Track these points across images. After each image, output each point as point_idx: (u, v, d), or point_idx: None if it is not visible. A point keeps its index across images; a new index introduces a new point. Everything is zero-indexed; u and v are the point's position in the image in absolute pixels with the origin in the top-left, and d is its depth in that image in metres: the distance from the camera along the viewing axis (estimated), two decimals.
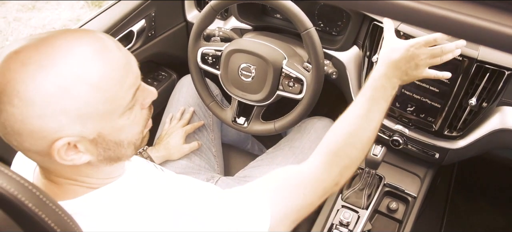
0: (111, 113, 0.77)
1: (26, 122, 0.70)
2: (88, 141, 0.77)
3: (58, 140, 0.72)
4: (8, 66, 0.70)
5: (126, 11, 1.70)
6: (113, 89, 0.75)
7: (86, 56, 0.73)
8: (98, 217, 0.83)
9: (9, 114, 0.70)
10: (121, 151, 0.83)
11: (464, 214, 2.23)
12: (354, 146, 1.07)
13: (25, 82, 0.69)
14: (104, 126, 0.77)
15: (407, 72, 1.15)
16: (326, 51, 1.62)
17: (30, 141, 0.73)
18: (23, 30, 4.00)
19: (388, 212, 1.60)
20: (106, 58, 0.75)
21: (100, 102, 0.74)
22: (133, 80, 0.80)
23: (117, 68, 0.76)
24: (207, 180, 1.58)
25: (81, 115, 0.73)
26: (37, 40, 0.73)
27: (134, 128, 0.84)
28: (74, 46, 0.73)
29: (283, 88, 1.48)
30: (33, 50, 0.71)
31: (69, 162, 0.76)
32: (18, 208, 0.66)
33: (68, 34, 0.75)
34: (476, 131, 1.48)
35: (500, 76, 1.34)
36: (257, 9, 1.83)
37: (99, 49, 0.75)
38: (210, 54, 1.54)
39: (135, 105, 0.82)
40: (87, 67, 0.72)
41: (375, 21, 1.51)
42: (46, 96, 0.69)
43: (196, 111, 1.74)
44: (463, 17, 0.55)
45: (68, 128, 0.72)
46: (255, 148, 2.10)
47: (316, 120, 1.73)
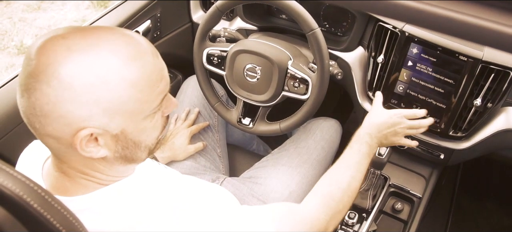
0: (139, 113, 0.80)
1: (58, 105, 0.71)
2: (110, 136, 0.78)
3: (83, 129, 0.74)
4: (54, 48, 0.72)
5: (131, 12, 1.71)
6: (146, 90, 0.79)
7: (129, 54, 0.76)
8: (108, 214, 0.84)
9: (43, 94, 0.71)
10: (137, 153, 0.85)
11: (469, 214, 2.22)
12: (345, 193, 1.15)
13: (68, 66, 0.71)
14: (129, 124, 0.79)
15: (386, 136, 1.31)
16: (332, 52, 1.63)
17: (55, 126, 0.74)
18: (28, 30, 4.01)
19: (393, 213, 1.60)
20: (145, 61, 0.78)
21: (132, 100, 0.77)
22: (164, 87, 0.83)
23: (154, 72, 0.80)
24: (212, 181, 1.58)
25: (111, 109, 0.75)
26: (84, 30, 0.76)
27: (153, 132, 0.86)
28: (119, 43, 0.76)
29: (289, 89, 1.48)
30: (81, 38, 0.73)
31: (87, 153, 0.77)
32: (23, 208, 0.67)
33: (114, 31, 0.78)
34: (481, 132, 1.48)
35: (505, 77, 1.34)
36: (262, 9, 1.83)
37: (141, 51, 0.78)
38: (215, 55, 1.54)
39: (159, 111, 0.85)
40: (128, 64, 0.75)
41: (380, 21, 1.51)
42: (85, 84, 0.71)
43: (201, 111, 1.75)
44: (468, 17, 0.55)
45: (96, 119, 0.74)
46: (260, 148, 2.10)
47: (322, 120, 1.74)
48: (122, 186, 0.87)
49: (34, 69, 0.71)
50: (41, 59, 0.71)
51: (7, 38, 3.92)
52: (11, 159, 1.34)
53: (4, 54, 3.75)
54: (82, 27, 0.77)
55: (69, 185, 0.84)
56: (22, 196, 0.66)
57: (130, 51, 0.76)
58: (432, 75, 1.44)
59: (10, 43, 3.86)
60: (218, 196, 0.97)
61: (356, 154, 1.23)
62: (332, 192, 1.14)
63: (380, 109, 1.36)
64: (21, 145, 1.01)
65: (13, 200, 0.65)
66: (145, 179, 0.93)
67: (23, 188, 0.66)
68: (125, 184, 0.88)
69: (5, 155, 1.36)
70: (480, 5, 0.56)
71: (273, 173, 1.56)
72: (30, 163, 0.94)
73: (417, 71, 1.46)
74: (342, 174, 1.19)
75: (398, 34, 1.46)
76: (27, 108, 0.74)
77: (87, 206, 0.83)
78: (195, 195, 0.92)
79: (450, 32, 0.58)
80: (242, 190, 1.53)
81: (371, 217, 1.52)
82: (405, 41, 1.45)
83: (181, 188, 0.93)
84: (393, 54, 1.49)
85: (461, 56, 1.37)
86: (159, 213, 0.85)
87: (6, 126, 1.35)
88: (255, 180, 1.56)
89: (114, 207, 0.84)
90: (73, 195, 0.83)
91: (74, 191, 0.84)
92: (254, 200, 1.49)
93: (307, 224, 1.07)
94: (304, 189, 1.54)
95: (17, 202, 0.66)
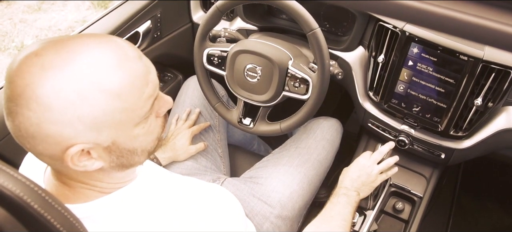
0: (128, 122, 0.77)
1: (42, 126, 0.70)
2: (102, 149, 0.76)
3: (72, 146, 0.72)
4: (28, 68, 0.69)
5: (132, 12, 1.71)
6: (132, 99, 0.75)
7: (107, 64, 0.72)
8: (109, 222, 0.83)
9: (25, 117, 0.69)
10: (134, 158, 0.83)
11: (470, 214, 2.22)
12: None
13: (45, 86, 0.68)
14: (119, 134, 0.77)
15: (364, 183, 1.44)
16: (332, 52, 1.63)
17: (44, 145, 0.72)
18: (29, 31, 4.01)
19: (394, 212, 1.60)
20: (126, 67, 0.75)
21: (118, 111, 0.74)
22: (152, 91, 0.80)
23: (137, 77, 0.76)
24: (213, 181, 1.58)
25: (97, 123, 0.72)
26: (58, 44, 0.72)
27: (149, 136, 0.84)
28: (95, 53, 0.72)
29: (289, 89, 1.48)
30: (54, 53, 0.70)
31: (81, 168, 0.76)
32: (24, 210, 0.66)
33: (90, 40, 0.74)
34: (482, 131, 1.48)
35: (505, 76, 1.34)
36: (262, 10, 1.83)
37: (120, 57, 0.74)
38: (216, 55, 1.54)
39: (151, 115, 0.82)
40: (107, 75, 0.72)
41: (380, 21, 1.51)
42: (64, 103, 0.69)
43: (202, 112, 1.75)
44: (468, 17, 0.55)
45: (83, 135, 0.72)
46: (261, 148, 2.10)
47: (322, 120, 1.74)
48: (124, 194, 0.87)
49: (12, 92, 0.69)
50: (18, 82, 0.69)
51: (7, 39, 3.92)
52: (12, 160, 1.35)
53: (5, 55, 3.75)
54: (56, 40, 0.73)
55: (70, 194, 0.83)
56: (22, 197, 0.66)
57: (108, 60, 0.73)
58: (433, 74, 1.44)
59: (10, 44, 3.86)
60: (219, 197, 0.96)
61: (337, 205, 1.35)
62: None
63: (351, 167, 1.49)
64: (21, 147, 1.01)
65: (13, 201, 0.65)
66: (148, 186, 0.92)
67: (24, 189, 0.66)
68: (127, 191, 0.87)
69: (6, 156, 1.36)
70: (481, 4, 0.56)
71: (274, 173, 1.56)
72: (32, 169, 0.94)
73: (418, 70, 1.46)
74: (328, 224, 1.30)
75: (399, 34, 1.46)
76: (14, 130, 0.73)
77: (89, 214, 0.82)
78: (197, 200, 0.92)
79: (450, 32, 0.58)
80: (243, 190, 1.53)
81: (372, 216, 1.52)
82: (405, 41, 1.45)
83: (183, 193, 0.93)
84: (393, 53, 1.49)
85: (461, 55, 1.37)
86: (161, 219, 0.85)
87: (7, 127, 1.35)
88: (256, 180, 1.56)
89: (116, 215, 0.84)
90: (73, 203, 0.82)
91: (75, 199, 0.83)
92: (255, 200, 1.49)
93: None
94: (304, 189, 1.54)
95: (18, 203, 0.66)
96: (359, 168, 1.45)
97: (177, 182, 1.00)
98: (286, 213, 1.48)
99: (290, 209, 1.49)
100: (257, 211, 1.47)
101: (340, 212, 1.32)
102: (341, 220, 1.29)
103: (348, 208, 1.34)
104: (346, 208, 1.33)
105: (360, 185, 1.43)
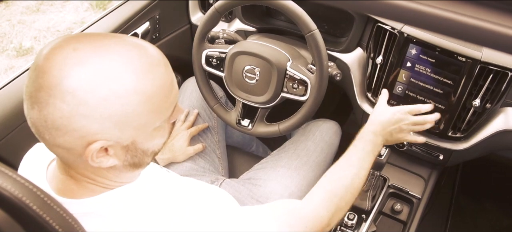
0: (151, 124, 0.79)
1: (72, 119, 0.71)
2: (120, 147, 0.78)
3: (95, 142, 0.74)
4: (66, 61, 0.70)
5: (130, 14, 1.71)
6: (159, 103, 0.78)
7: (142, 67, 0.75)
8: (113, 217, 0.84)
9: (57, 108, 0.70)
10: (144, 159, 0.85)
11: (468, 215, 2.22)
12: (348, 190, 1.17)
13: (82, 82, 0.70)
14: (139, 135, 0.79)
15: (392, 133, 1.32)
16: (330, 53, 1.63)
17: (66, 138, 0.73)
18: (27, 32, 4.01)
19: (392, 214, 1.60)
20: (158, 72, 0.78)
21: (145, 113, 0.77)
22: (174, 97, 0.83)
23: (166, 83, 0.79)
24: (211, 182, 1.58)
25: (124, 122, 0.74)
26: (95, 40, 0.74)
27: (161, 140, 0.86)
28: (133, 55, 0.75)
29: (288, 90, 1.48)
30: (91, 50, 0.72)
31: (97, 164, 0.77)
32: (23, 210, 0.67)
33: (125, 42, 0.77)
34: (480, 132, 1.48)
35: (503, 77, 1.34)
36: (261, 11, 1.84)
37: (153, 63, 0.77)
38: (214, 56, 1.54)
39: (167, 120, 0.85)
40: (142, 78, 0.75)
41: (379, 22, 1.51)
42: (98, 99, 0.71)
43: (200, 113, 1.75)
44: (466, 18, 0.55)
45: (107, 132, 0.74)
46: (260, 150, 2.10)
47: (321, 122, 1.74)
48: (128, 190, 0.88)
49: (46, 82, 0.70)
50: (53, 72, 0.70)
51: (6, 41, 3.92)
52: (11, 161, 1.35)
53: (3, 56, 3.75)
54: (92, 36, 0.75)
55: (75, 188, 0.84)
56: (21, 198, 0.66)
57: (143, 63, 0.75)
58: (431, 75, 1.44)
59: (9, 46, 3.86)
60: (218, 198, 0.97)
61: (360, 152, 1.25)
62: (335, 189, 1.16)
63: (384, 107, 1.37)
64: (21, 147, 1.01)
65: (12, 202, 0.65)
66: (149, 184, 0.93)
67: (22, 190, 0.67)
68: (130, 188, 0.88)
69: (5, 157, 1.36)
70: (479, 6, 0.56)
71: (272, 174, 1.56)
72: (33, 166, 0.94)
73: (416, 72, 1.47)
74: (345, 171, 1.20)
75: (397, 35, 1.46)
76: (38, 120, 0.73)
77: (93, 209, 0.83)
78: (197, 198, 0.93)
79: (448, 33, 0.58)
80: (241, 191, 1.53)
81: (371, 218, 1.52)
82: (403, 42, 1.45)
83: (183, 192, 0.94)
84: (392, 55, 1.49)
85: (459, 56, 1.37)
86: (162, 218, 0.85)
87: (6, 128, 1.35)
88: (255, 181, 1.56)
89: (120, 210, 0.85)
90: (79, 198, 0.83)
91: (80, 194, 0.84)
92: (253, 202, 1.49)
93: (309, 221, 1.08)
94: (303, 191, 1.54)
95: (17, 204, 0.66)
96: (395, 117, 1.32)
97: (177, 183, 1.01)
98: None
99: None
100: None
101: (361, 158, 1.23)
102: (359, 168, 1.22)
103: (370, 156, 1.26)
104: (369, 157, 1.25)
105: (388, 133, 1.31)
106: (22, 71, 1.43)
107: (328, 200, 1.13)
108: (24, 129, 1.37)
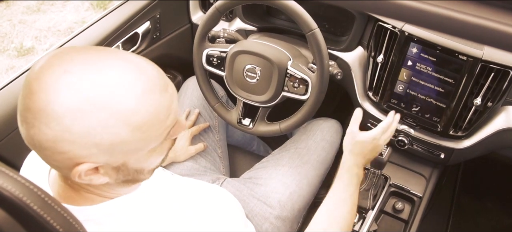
0: (142, 149, 0.77)
1: (57, 144, 0.69)
2: (111, 168, 0.77)
3: (82, 164, 0.72)
4: (54, 84, 0.68)
5: (131, 13, 1.71)
6: (151, 130, 0.75)
7: (135, 95, 0.71)
8: (113, 224, 0.84)
9: (42, 132, 0.68)
10: (140, 177, 0.84)
11: (470, 214, 2.22)
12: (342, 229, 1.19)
13: (68, 108, 0.67)
14: (130, 157, 0.77)
15: (371, 154, 1.33)
16: (331, 52, 1.63)
17: (55, 158, 0.72)
18: (28, 32, 4.01)
19: (394, 212, 1.60)
20: (152, 100, 0.74)
21: (136, 140, 0.74)
22: (172, 121, 0.80)
23: (160, 111, 0.75)
24: (212, 182, 1.58)
25: (113, 149, 0.72)
26: (88, 62, 0.71)
27: (158, 158, 0.84)
28: (124, 80, 0.71)
29: (288, 89, 1.48)
30: (83, 75, 0.69)
31: (86, 181, 0.76)
32: (24, 211, 0.66)
33: (120, 63, 0.73)
34: (481, 131, 1.48)
35: (505, 76, 1.34)
36: (261, 10, 1.83)
37: (148, 88, 0.73)
38: (215, 56, 1.54)
39: (165, 140, 0.82)
40: (132, 108, 0.71)
41: (379, 21, 1.51)
42: (86, 128, 0.68)
43: (201, 112, 1.75)
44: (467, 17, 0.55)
45: (96, 157, 0.72)
46: (261, 149, 2.10)
47: (322, 121, 1.74)
48: (128, 199, 0.87)
49: (33, 104, 0.68)
50: (40, 95, 0.67)
51: (7, 40, 3.92)
52: (12, 161, 1.35)
53: (4, 56, 3.75)
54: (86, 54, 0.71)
55: (75, 196, 0.84)
56: (22, 198, 0.66)
57: (136, 91, 0.72)
58: (432, 74, 1.44)
59: (10, 45, 3.86)
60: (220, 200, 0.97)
61: (349, 187, 1.25)
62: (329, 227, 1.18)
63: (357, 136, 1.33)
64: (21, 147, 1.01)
65: (13, 202, 0.65)
66: (150, 189, 0.93)
67: (23, 190, 0.66)
68: (132, 197, 0.88)
69: (6, 157, 1.36)
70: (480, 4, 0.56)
71: (273, 173, 1.56)
72: (36, 168, 0.94)
73: (417, 70, 1.46)
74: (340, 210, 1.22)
75: (398, 34, 1.46)
76: (26, 137, 0.72)
77: (93, 217, 0.83)
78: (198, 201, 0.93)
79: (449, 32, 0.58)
80: (242, 191, 1.53)
81: (372, 217, 1.52)
82: (404, 41, 1.45)
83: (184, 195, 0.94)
84: (392, 53, 1.49)
85: (460, 55, 1.37)
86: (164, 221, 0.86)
87: (6, 128, 1.35)
88: (256, 180, 1.56)
89: (120, 217, 0.85)
90: (79, 205, 0.83)
91: (80, 202, 0.83)
92: (254, 201, 1.49)
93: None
94: (304, 190, 1.54)
95: (18, 204, 0.66)
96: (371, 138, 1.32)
97: (178, 184, 1.01)
98: (285, 214, 1.48)
99: (289, 209, 1.49)
100: (257, 211, 1.47)
101: (352, 194, 1.24)
102: (352, 205, 1.23)
103: (357, 190, 1.27)
104: (357, 190, 1.26)
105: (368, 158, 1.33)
106: (23, 71, 1.43)
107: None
108: None
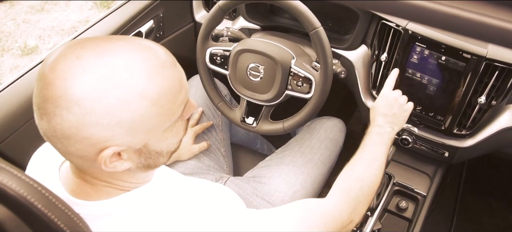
0: (161, 126, 0.79)
1: (81, 129, 0.71)
2: (133, 151, 0.78)
3: (106, 148, 0.74)
4: (70, 70, 0.70)
5: (134, 12, 1.71)
6: (168, 104, 0.78)
7: (148, 71, 0.74)
8: (129, 219, 0.85)
9: (64, 119, 0.70)
10: (160, 159, 0.86)
11: (474, 212, 2.22)
12: (364, 182, 1.19)
13: (87, 90, 0.69)
14: (151, 137, 0.79)
15: (395, 115, 1.33)
16: (335, 51, 1.62)
17: (78, 146, 0.73)
18: (32, 31, 4.02)
19: (397, 211, 1.60)
20: (164, 75, 0.77)
21: (154, 116, 0.76)
22: (184, 96, 0.82)
23: (173, 84, 0.78)
24: (216, 180, 1.58)
25: (134, 127, 0.74)
26: (98, 46, 0.73)
27: (175, 138, 0.86)
28: (136, 59, 0.74)
29: (292, 88, 1.48)
30: (96, 58, 0.71)
31: (111, 169, 0.77)
32: (28, 209, 0.67)
33: (130, 45, 0.76)
34: (485, 130, 1.47)
35: (509, 74, 1.34)
36: (265, 9, 1.83)
37: (158, 64, 0.76)
38: (218, 54, 1.54)
39: (179, 118, 0.84)
40: (148, 82, 0.74)
41: (383, 20, 1.51)
42: (106, 107, 0.70)
43: (205, 111, 1.75)
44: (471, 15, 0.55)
45: (119, 138, 0.74)
46: (264, 148, 2.10)
47: (325, 119, 1.74)
48: (143, 192, 0.89)
49: (51, 93, 0.69)
50: (58, 83, 0.69)
51: (11, 40, 3.93)
52: (16, 160, 1.35)
53: (8, 55, 3.76)
54: (95, 41, 0.74)
55: (91, 191, 0.85)
56: (26, 196, 0.66)
57: (149, 67, 0.74)
58: (436, 73, 1.44)
59: (14, 45, 3.87)
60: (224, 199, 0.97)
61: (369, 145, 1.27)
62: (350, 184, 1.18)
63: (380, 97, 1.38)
64: (26, 146, 1.02)
65: (17, 201, 0.66)
66: (162, 185, 0.94)
67: (28, 189, 0.67)
68: (145, 190, 0.89)
69: (10, 156, 1.36)
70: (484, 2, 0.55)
71: (277, 172, 1.56)
72: (44, 166, 0.94)
73: (421, 69, 1.46)
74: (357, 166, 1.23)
75: (402, 32, 1.45)
76: (48, 130, 0.73)
77: (109, 211, 0.84)
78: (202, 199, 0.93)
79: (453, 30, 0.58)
80: (246, 189, 1.53)
81: (376, 215, 1.52)
82: (408, 39, 1.44)
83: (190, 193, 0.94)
84: (396, 52, 1.49)
85: (465, 53, 1.37)
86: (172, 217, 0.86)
87: (11, 127, 1.36)
88: (259, 179, 1.56)
89: (135, 211, 0.86)
90: (95, 200, 0.84)
91: (96, 196, 0.84)
92: (258, 200, 1.49)
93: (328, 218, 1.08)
94: (308, 188, 1.54)
95: (22, 203, 0.66)
96: (389, 100, 1.35)
97: (184, 182, 1.01)
98: None
99: None
100: None
101: (370, 151, 1.25)
102: (371, 160, 1.24)
103: (380, 147, 1.27)
104: (379, 147, 1.27)
105: (393, 118, 1.33)
106: (26, 70, 1.44)
107: (346, 198, 1.14)
108: (29, 128, 1.37)
